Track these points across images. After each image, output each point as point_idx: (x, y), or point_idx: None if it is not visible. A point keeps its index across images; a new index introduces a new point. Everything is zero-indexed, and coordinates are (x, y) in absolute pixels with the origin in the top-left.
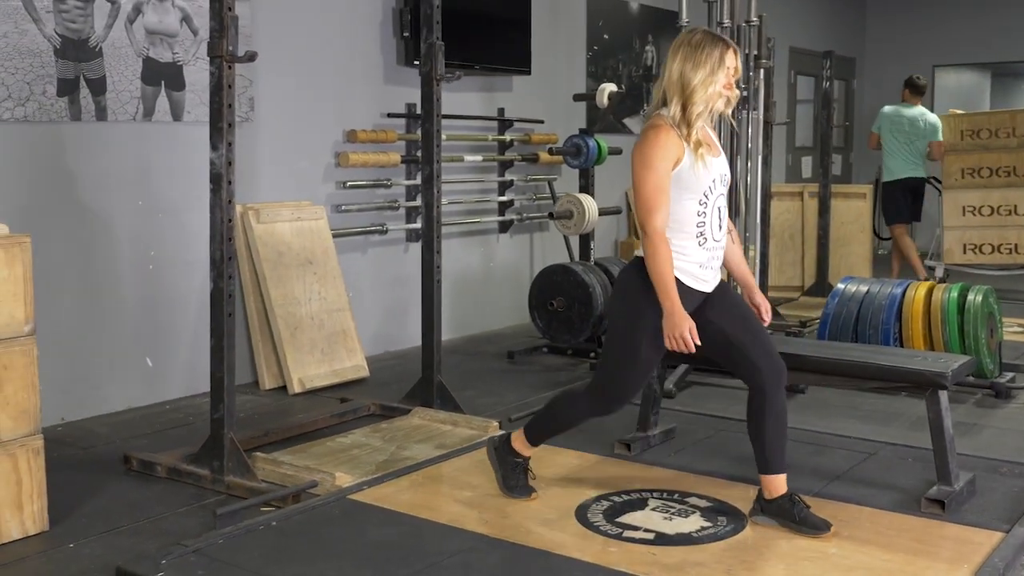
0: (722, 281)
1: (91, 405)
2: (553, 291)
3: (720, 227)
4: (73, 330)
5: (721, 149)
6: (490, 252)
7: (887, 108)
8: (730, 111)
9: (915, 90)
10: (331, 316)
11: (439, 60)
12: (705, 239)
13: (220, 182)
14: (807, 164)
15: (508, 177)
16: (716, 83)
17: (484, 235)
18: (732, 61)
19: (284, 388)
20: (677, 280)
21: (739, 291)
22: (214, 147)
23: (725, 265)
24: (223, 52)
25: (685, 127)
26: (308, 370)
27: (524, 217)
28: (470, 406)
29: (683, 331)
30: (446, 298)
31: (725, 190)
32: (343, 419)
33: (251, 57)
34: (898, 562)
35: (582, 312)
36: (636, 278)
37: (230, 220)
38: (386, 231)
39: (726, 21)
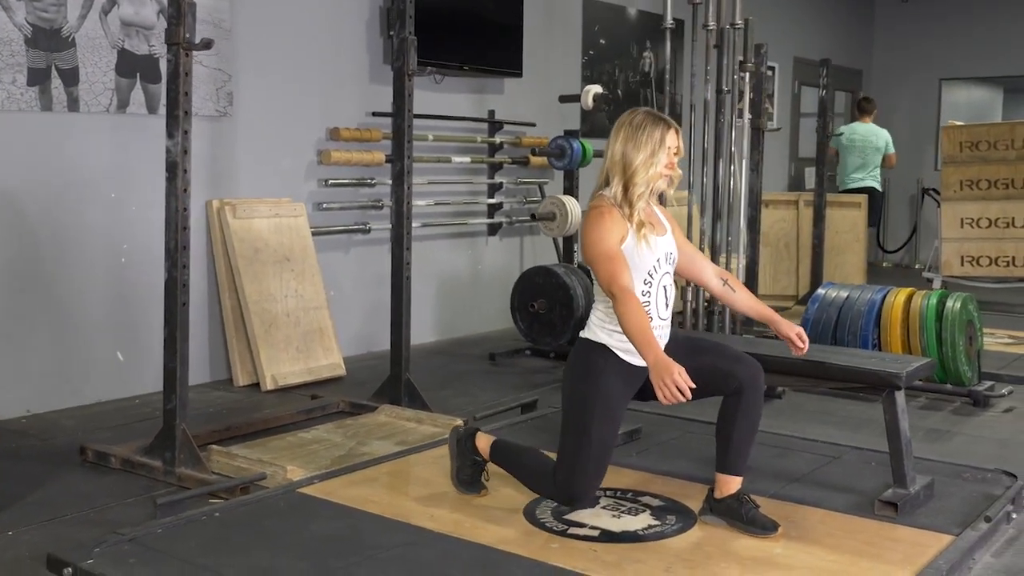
0: None
1: (59, 398)
2: (535, 293)
3: (666, 306)
4: (42, 323)
5: (668, 227)
6: (479, 255)
7: (843, 127)
8: (672, 191)
9: (859, 109)
10: (308, 314)
11: (411, 55)
12: (651, 318)
13: (176, 170)
14: (810, 174)
15: (498, 179)
16: (657, 164)
17: (473, 237)
18: (673, 141)
19: (258, 385)
20: (619, 359)
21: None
22: (170, 135)
23: (742, 313)
24: (180, 39)
25: (627, 207)
26: (282, 367)
27: (513, 220)
28: (443, 405)
29: (673, 375)
30: (433, 300)
31: (671, 269)
32: (310, 415)
33: (207, 45)
34: (842, 563)
35: (563, 314)
36: (579, 359)
37: (185, 209)
38: (368, 230)
39: (711, 24)
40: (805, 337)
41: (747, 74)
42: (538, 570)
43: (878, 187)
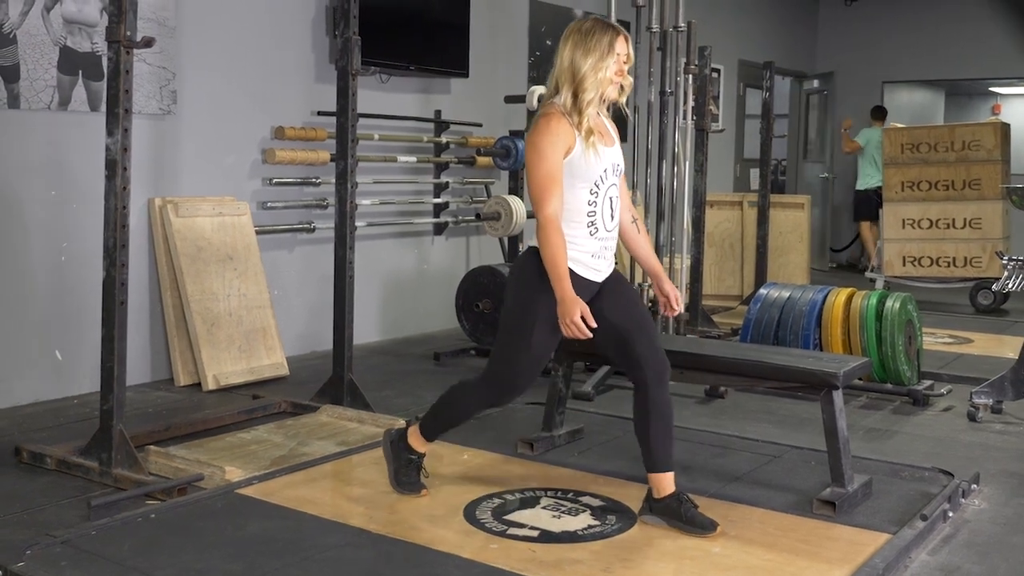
0: (617, 272)
1: None
2: (479, 293)
3: (612, 217)
4: None
5: (616, 138)
6: (424, 254)
7: (865, 129)
8: (623, 99)
9: (873, 116)
10: (251, 313)
11: (355, 55)
12: (596, 229)
13: (115, 168)
14: (755, 175)
15: (444, 179)
16: (606, 69)
17: (419, 237)
18: (623, 48)
19: (199, 385)
20: (570, 270)
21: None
22: (110, 133)
23: (632, 255)
24: (121, 37)
25: (576, 115)
26: (224, 367)
27: (459, 220)
28: (385, 405)
29: (575, 316)
30: (378, 299)
31: (618, 180)
32: (251, 416)
33: (148, 43)
34: (779, 562)
35: None
36: (531, 266)
37: (124, 207)
38: (313, 229)
39: (654, 27)
40: (680, 301)
41: (691, 76)
42: (475, 570)
43: None
